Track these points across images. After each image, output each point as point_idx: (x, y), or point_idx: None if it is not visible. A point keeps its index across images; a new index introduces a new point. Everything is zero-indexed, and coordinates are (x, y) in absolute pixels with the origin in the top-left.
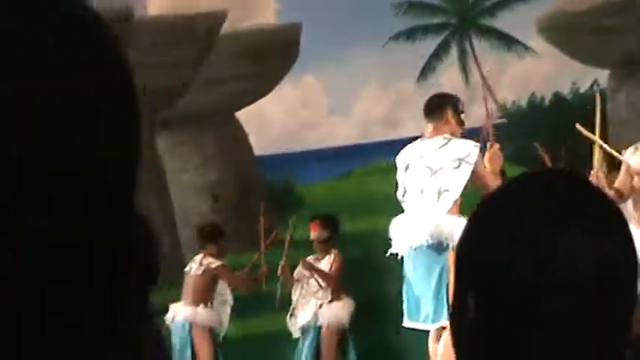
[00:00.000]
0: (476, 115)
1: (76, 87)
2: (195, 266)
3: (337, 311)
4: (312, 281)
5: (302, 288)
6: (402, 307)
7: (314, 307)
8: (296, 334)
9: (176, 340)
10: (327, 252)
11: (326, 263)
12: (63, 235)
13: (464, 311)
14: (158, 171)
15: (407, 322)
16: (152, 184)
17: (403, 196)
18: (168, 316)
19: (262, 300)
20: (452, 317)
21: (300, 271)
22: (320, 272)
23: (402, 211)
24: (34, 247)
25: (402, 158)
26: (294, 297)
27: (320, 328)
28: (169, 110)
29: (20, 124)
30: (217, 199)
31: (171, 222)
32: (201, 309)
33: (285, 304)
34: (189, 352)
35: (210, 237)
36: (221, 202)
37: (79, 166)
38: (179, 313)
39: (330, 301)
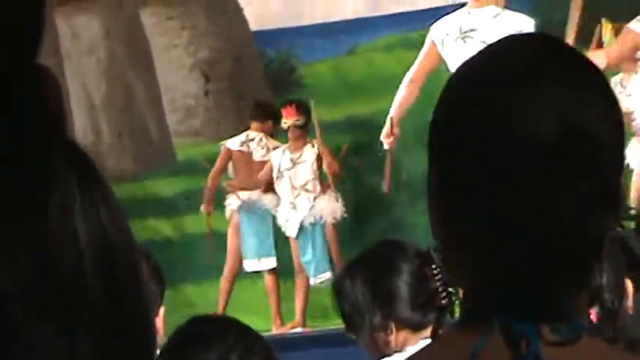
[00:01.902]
0: None
1: None
2: (259, 150)
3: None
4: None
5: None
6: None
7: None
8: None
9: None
10: (304, 140)
11: (310, 155)
12: None
13: (430, 177)
14: (143, 48)
15: None
16: (136, 63)
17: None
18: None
19: None
20: (427, 182)
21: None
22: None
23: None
24: None
25: (438, 31)
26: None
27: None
28: None
29: None
30: (209, 79)
31: (158, 104)
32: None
33: None
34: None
35: (265, 115)
36: (213, 82)
37: None
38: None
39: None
